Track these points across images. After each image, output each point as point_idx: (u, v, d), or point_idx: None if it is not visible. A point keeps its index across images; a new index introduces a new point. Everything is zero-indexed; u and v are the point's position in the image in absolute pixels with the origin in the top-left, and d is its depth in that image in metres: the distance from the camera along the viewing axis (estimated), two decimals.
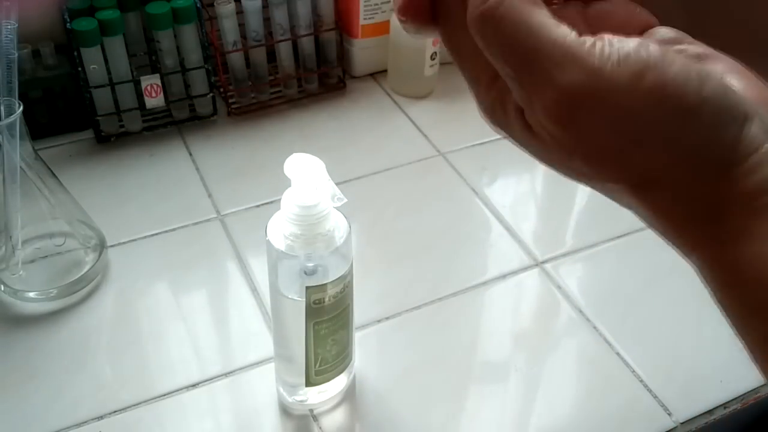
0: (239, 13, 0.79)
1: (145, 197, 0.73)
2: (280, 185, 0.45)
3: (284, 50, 0.83)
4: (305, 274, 0.48)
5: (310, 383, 0.52)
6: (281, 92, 0.86)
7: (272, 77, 0.85)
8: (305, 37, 0.83)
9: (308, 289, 0.46)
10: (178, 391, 0.56)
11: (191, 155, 0.78)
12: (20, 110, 0.54)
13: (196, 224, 0.70)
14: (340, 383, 0.55)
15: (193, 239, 0.69)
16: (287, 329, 0.51)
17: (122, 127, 0.79)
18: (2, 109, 0.54)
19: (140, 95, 0.77)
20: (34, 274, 0.62)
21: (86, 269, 0.63)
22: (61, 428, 0.53)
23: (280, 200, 0.46)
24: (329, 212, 0.46)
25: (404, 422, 0.55)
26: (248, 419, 0.55)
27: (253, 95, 0.84)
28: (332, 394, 0.55)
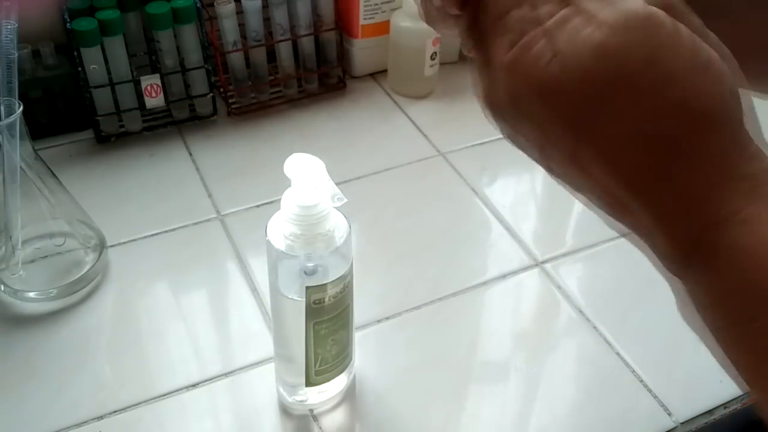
0: (239, 13, 0.79)
1: (145, 197, 0.73)
2: (280, 185, 0.45)
3: (284, 50, 0.83)
4: (305, 274, 0.48)
5: (310, 383, 0.52)
6: (281, 92, 0.86)
7: (272, 77, 0.85)
8: (305, 37, 0.83)
9: (308, 289, 0.46)
10: (178, 391, 0.56)
11: (191, 155, 0.78)
12: (20, 110, 0.54)
13: (196, 224, 0.70)
14: (340, 383, 0.55)
15: (193, 239, 0.69)
16: (287, 329, 0.51)
17: (122, 127, 0.79)
18: (2, 109, 0.54)
19: (140, 95, 0.77)
20: (34, 274, 0.62)
21: (86, 269, 0.63)
22: (61, 428, 0.53)
23: (280, 200, 0.46)
24: (329, 212, 0.46)
25: (404, 422, 0.55)
26: (248, 419, 0.55)
27: (253, 95, 0.84)
28: (332, 394, 0.55)
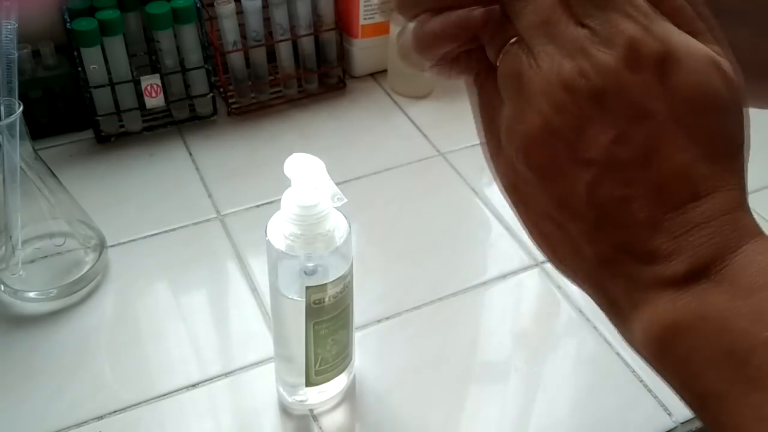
0: (239, 13, 0.79)
1: (144, 197, 0.73)
2: (280, 185, 0.45)
3: (284, 50, 0.83)
4: (305, 274, 0.48)
5: (310, 383, 0.52)
6: (281, 92, 0.86)
7: (272, 77, 0.85)
8: (305, 37, 0.83)
9: (308, 289, 0.46)
10: (178, 391, 0.56)
11: (191, 155, 0.78)
12: (20, 110, 0.54)
13: (196, 224, 0.70)
14: (340, 383, 0.55)
15: (193, 239, 0.69)
16: (287, 329, 0.51)
17: (122, 127, 0.79)
18: (2, 109, 0.54)
19: (140, 95, 0.77)
20: (34, 274, 0.62)
21: (86, 269, 0.63)
22: (60, 428, 0.53)
23: (280, 200, 0.46)
24: (329, 212, 0.46)
25: (404, 422, 0.55)
26: (248, 419, 0.55)
27: (253, 95, 0.84)
28: (332, 394, 0.55)
